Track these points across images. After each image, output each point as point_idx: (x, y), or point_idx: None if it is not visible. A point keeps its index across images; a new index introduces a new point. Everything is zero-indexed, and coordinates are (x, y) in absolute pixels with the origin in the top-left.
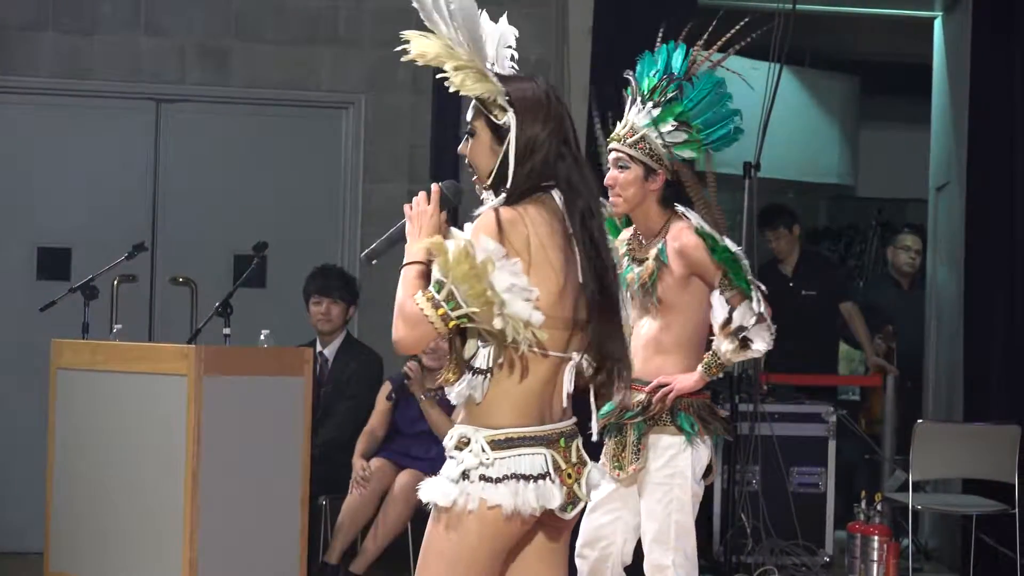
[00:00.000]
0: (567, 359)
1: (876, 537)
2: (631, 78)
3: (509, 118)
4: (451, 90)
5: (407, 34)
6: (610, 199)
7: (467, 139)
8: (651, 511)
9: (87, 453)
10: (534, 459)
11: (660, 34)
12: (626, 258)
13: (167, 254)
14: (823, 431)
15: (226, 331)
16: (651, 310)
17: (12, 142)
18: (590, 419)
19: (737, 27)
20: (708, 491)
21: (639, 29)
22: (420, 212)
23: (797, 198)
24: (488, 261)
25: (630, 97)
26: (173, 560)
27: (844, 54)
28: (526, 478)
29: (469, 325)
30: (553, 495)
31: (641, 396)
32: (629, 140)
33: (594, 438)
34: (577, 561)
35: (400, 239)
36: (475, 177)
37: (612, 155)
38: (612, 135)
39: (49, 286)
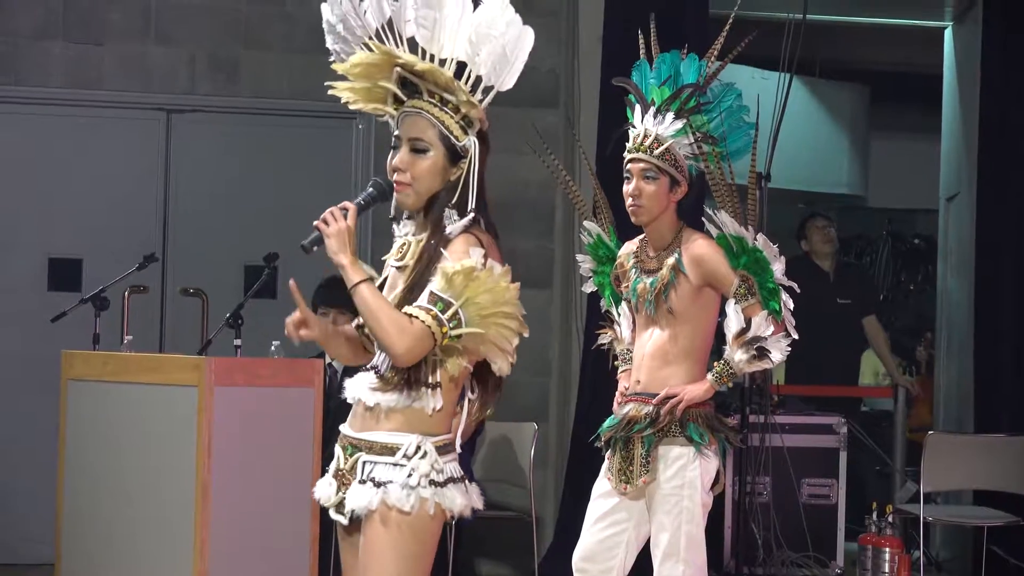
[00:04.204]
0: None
1: (887, 549)
2: (628, 85)
3: (470, 142)
4: (463, 111)
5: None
6: (630, 209)
7: (413, 154)
8: (661, 523)
9: (98, 464)
10: (457, 463)
11: (641, 40)
12: (633, 270)
13: (178, 265)
14: (834, 442)
15: (237, 342)
16: (660, 321)
17: (22, 152)
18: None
19: (748, 38)
20: (719, 502)
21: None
22: (342, 230)
23: (807, 208)
24: (515, 289)
25: (636, 105)
26: (184, 571)
27: (854, 64)
28: (459, 480)
29: (453, 344)
30: (477, 496)
31: (649, 408)
32: (656, 151)
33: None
34: (576, 575)
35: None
36: (403, 190)
37: (637, 165)
38: (631, 145)
39: (60, 297)
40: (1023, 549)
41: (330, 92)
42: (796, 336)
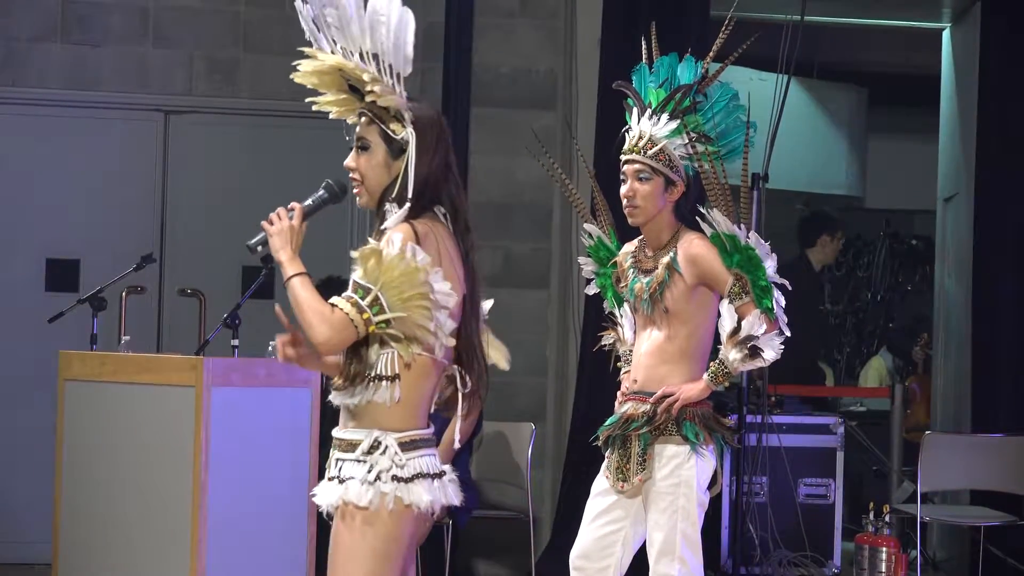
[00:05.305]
0: (448, 367)
1: (884, 548)
2: (627, 90)
3: (408, 134)
4: (367, 99)
5: (307, 51)
6: (626, 211)
7: (358, 152)
8: (656, 521)
9: (96, 465)
10: (432, 459)
11: (643, 41)
12: (631, 270)
13: (175, 265)
14: (832, 442)
15: (234, 342)
16: (657, 320)
17: (20, 153)
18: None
19: (750, 40)
20: (716, 502)
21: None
22: (285, 228)
23: (805, 209)
24: (424, 268)
25: (634, 108)
26: (181, 571)
27: (852, 65)
28: (431, 476)
29: (384, 331)
30: (452, 492)
31: (646, 407)
32: (650, 151)
33: (456, 446)
34: (573, 573)
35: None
36: (358, 190)
37: (631, 167)
38: (626, 147)
39: (57, 298)
40: (1020, 548)
41: (314, 108)
42: (788, 334)
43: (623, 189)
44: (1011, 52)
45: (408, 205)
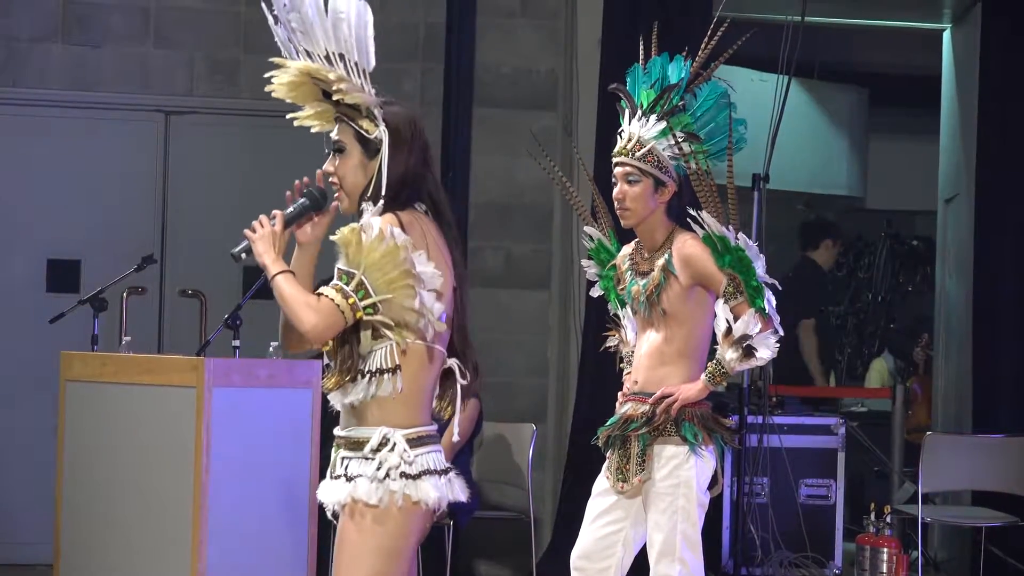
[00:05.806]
0: (446, 359)
1: (885, 549)
2: (620, 92)
3: (381, 132)
4: (334, 98)
5: (277, 60)
6: (618, 213)
7: (334, 156)
8: (656, 522)
9: (96, 465)
10: (438, 455)
11: (641, 44)
12: (629, 272)
13: (176, 266)
14: (833, 443)
15: (235, 343)
16: (655, 322)
17: (21, 154)
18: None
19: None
20: (717, 502)
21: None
22: (267, 234)
23: (806, 210)
24: (404, 246)
25: (626, 110)
26: (181, 572)
27: (853, 66)
28: (438, 473)
29: (373, 318)
30: (459, 488)
31: (645, 407)
32: (638, 153)
33: (455, 439)
34: (574, 574)
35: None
36: (338, 196)
37: (620, 169)
38: (616, 149)
39: (58, 298)
40: (1021, 549)
41: (296, 124)
42: (782, 333)
43: (614, 191)
44: (1012, 53)
45: (383, 201)
